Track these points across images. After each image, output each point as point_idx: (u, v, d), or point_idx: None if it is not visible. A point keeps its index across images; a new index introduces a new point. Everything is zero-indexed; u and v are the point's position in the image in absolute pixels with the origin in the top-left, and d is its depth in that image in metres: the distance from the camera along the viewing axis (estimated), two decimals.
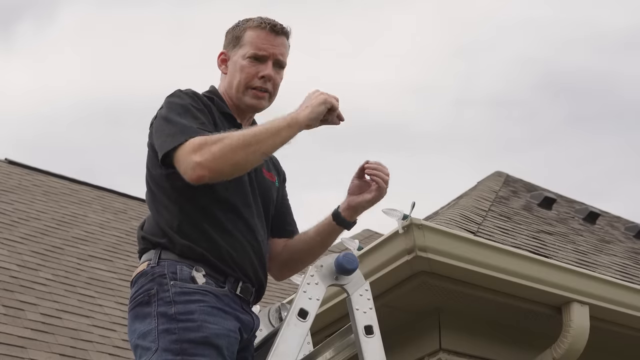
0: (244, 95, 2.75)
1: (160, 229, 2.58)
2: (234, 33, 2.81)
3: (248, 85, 2.74)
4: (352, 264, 2.52)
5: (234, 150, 2.45)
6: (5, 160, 9.71)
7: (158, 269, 2.52)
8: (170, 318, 2.43)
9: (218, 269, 2.54)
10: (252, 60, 2.74)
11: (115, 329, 6.15)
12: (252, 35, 2.76)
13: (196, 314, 2.43)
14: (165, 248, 2.55)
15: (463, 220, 4.78)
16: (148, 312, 2.47)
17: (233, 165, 2.48)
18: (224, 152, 2.45)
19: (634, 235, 7.42)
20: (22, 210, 8.07)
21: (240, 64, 2.75)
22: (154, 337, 2.42)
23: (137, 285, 2.55)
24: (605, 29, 22.68)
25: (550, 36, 22.30)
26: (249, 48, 2.74)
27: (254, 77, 2.74)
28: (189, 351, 2.38)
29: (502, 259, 3.97)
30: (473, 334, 4.24)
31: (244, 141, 2.47)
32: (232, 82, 2.76)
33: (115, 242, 8.17)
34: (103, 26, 21.96)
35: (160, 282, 2.49)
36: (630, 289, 4.33)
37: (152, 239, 2.59)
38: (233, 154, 2.46)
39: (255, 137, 2.48)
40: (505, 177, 7.42)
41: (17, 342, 5.32)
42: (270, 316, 2.78)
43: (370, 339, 2.48)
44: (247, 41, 2.76)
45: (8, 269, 6.51)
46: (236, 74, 2.76)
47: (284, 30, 2.79)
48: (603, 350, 4.40)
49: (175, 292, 2.46)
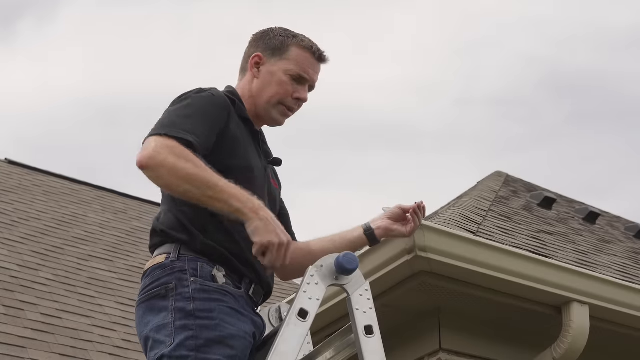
0: (273, 109, 2.77)
1: (182, 224, 2.56)
2: (275, 42, 2.80)
3: (281, 101, 2.76)
4: (352, 264, 2.52)
5: (184, 177, 2.41)
6: (5, 160, 9.72)
7: (178, 263, 2.51)
8: (189, 314, 2.42)
9: (236, 270, 2.55)
10: (292, 78, 2.76)
11: (115, 329, 6.15)
12: (300, 54, 2.78)
13: (215, 313, 2.44)
14: (185, 244, 2.54)
15: (463, 220, 4.78)
16: (164, 305, 2.46)
17: (168, 185, 2.45)
18: (175, 169, 2.41)
19: (634, 235, 7.42)
20: (22, 210, 8.07)
21: (279, 78, 2.75)
22: (169, 332, 2.42)
23: (152, 277, 2.53)
24: (608, 27, 22.69)
25: (552, 34, 22.31)
26: (294, 66, 2.76)
27: (289, 96, 2.76)
28: (203, 349, 2.38)
29: (502, 259, 3.97)
30: (473, 334, 4.24)
31: (198, 181, 2.42)
32: (264, 90, 2.77)
33: (115, 242, 8.18)
34: (104, 25, 21.98)
35: (180, 277, 2.48)
36: (630, 289, 4.33)
37: (171, 234, 2.57)
38: (177, 178, 2.42)
39: (210, 188, 2.42)
40: (505, 177, 7.42)
41: (17, 342, 5.33)
42: (270, 316, 2.78)
43: (370, 339, 2.48)
44: (293, 58, 2.77)
45: (8, 269, 6.52)
46: (272, 85, 2.76)
47: (327, 58, 2.84)
48: (603, 351, 4.40)
49: (195, 289, 2.46)
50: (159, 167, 2.42)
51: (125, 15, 22.61)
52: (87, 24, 23.07)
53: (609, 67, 23.23)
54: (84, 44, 22.77)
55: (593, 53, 23.54)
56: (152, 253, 2.63)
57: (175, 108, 2.61)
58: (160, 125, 2.52)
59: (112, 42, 22.75)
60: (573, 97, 24.71)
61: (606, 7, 22.72)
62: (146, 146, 2.46)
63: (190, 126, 2.53)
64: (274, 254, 2.43)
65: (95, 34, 22.66)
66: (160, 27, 22.99)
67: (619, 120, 24.01)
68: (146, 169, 2.43)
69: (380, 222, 2.92)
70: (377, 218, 2.94)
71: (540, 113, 23.54)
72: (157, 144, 2.45)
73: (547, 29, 22.50)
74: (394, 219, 2.93)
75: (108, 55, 22.47)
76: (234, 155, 2.64)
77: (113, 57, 22.64)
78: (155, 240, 2.64)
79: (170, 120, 2.54)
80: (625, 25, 22.68)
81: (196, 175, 2.42)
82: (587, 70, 24.37)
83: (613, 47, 23.42)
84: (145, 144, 2.48)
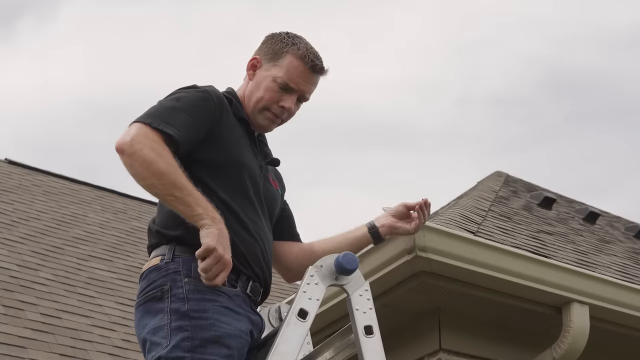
0: (259, 114, 2.77)
1: (176, 220, 2.55)
2: (275, 47, 2.79)
3: (266, 107, 2.76)
4: (352, 264, 2.52)
5: (153, 172, 2.44)
6: (5, 160, 9.71)
7: (172, 265, 2.52)
8: (183, 315, 2.43)
9: (232, 268, 2.53)
10: (279, 86, 2.74)
11: (115, 329, 6.15)
12: (291, 63, 2.75)
13: (209, 313, 2.44)
14: (180, 242, 2.55)
15: (463, 220, 4.77)
16: (160, 307, 2.47)
17: (137, 174, 2.46)
18: (148, 162, 2.44)
19: (634, 235, 7.42)
20: (22, 210, 8.07)
21: (267, 84, 2.75)
22: (165, 333, 2.43)
23: (148, 280, 2.54)
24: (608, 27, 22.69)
25: (552, 34, 22.31)
26: (282, 74, 2.74)
27: (275, 103, 2.75)
28: (199, 349, 2.39)
29: (502, 259, 3.97)
30: (473, 334, 4.24)
31: (166, 179, 2.43)
32: (253, 93, 2.78)
33: (115, 242, 8.18)
34: (104, 24, 21.97)
35: (174, 279, 2.49)
36: (630, 289, 4.33)
37: (166, 233, 2.58)
38: (147, 171, 2.44)
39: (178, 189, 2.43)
40: (505, 177, 7.42)
41: (17, 342, 5.32)
42: (270, 316, 2.78)
43: (370, 339, 2.48)
44: (284, 66, 2.75)
45: (8, 269, 6.51)
46: (260, 90, 2.76)
47: (323, 70, 2.80)
48: (603, 351, 4.39)
49: (189, 290, 2.47)
50: (133, 155, 2.45)
51: (125, 15, 22.62)
52: (87, 24, 23.09)
53: (609, 67, 23.24)
54: (84, 43, 22.78)
55: (593, 53, 23.55)
56: (149, 254, 2.64)
57: (165, 99, 2.64)
58: (147, 114, 2.55)
59: (113, 41, 22.77)
60: (573, 97, 24.72)
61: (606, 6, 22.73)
62: (128, 131, 2.51)
63: (174, 119, 2.55)
64: (211, 263, 2.41)
65: (96, 33, 22.68)
66: (160, 27, 23.00)
67: (619, 120, 24.03)
68: (121, 154, 2.48)
69: (384, 220, 2.93)
70: (381, 216, 2.95)
71: (540, 113, 23.55)
72: (139, 131, 2.49)
73: (547, 29, 22.52)
74: (397, 217, 2.93)
75: (108, 54, 22.49)
76: (224, 149, 2.64)
77: (113, 56, 22.65)
78: (152, 241, 2.65)
79: (157, 110, 2.57)
80: (625, 24, 22.69)
81: (167, 173, 2.44)
82: (587, 70, 24.38)
83: (613, 47, 23.43)
84: (128, 129, 2.52)
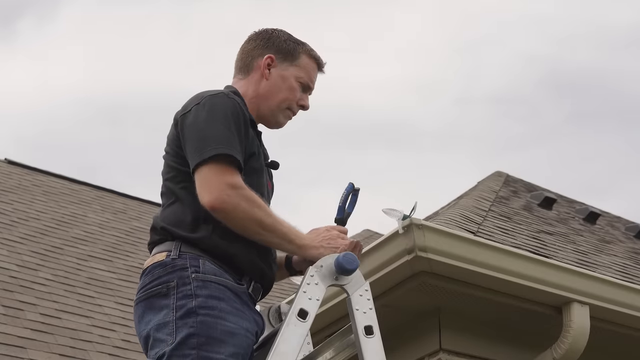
0: (280, 113, 2.82)
1: (183, 221, 2.55)
2: (287, 46, 2.84)
3: (289, 106, 2.82)
4: (352, 264, 2.51)
5: (257, 224, 2.51)
6: (5, 160, 9.71)
7: (179, 261, 2.51)
8: (190, 311, 2.42)
9: (237, 268, 2.55)
10: (302, 86, 2.83)
11: (115, 329, 6.15)
12: (308, 63, 2.86)
13: (217, 311, 2.44)
14: (187, 241, 2.54)
15: (463, 220, 4.78)
16: (165, 304, 2.46)
17: (240, 226, 2.51)
18: (246, 215, 2.50)
19: (634, 235, 7.42)
20: (22, 210, 8.07)
21: (291, 84, 2.81)
22: (171, 330, 2.42)
23: (152, 276, 2.52)
24: (608, 26, 22.72)
25: (552, 33, 22.33)
26: (304, 74, 2.84)
27: (296, 102, 2.83)
28: (205, 347, 2.38)
29: (502, 259, 3.96)
30: (473, 334, 4.23)
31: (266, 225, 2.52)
32: (273, 93, 2.79)
33: (115, 242, 8.18)
34: (104, 24, 21.99)
35: (181, 275, 2.48)
36: (630, 289, 4.33)
37: (172, 230, 2.56)
38: (250, 222, 2.50)
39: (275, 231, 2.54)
40: (506, 177, 7.42)
41: (17, 342, 5.33)
42: (270, 316, 2.77)
43: (370, 339, 2.48)
44: (303, 66, 2.84)
45: (8, 269, 6.51)
46: (282, 90, 2.80)
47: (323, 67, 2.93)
48: (603, 351, 4.39)
49: (197, 286, 2.46)
50: (233, 212, 2.48)
51: (125, 15, 22.64)
52: (87, 23, 23.11)
53: (609, 66, 23.27)
54: (84, 43, 22.81)
55: (593, 51, 23.57)
56: (151, 251, 2.62)
57: (209, 120, 2.57)
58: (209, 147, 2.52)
59: (113, 41, 22.79)
60: (573, 96, 24.75)
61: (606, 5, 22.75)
62: (209, 184, 2.49)
63: (232, 142, 2.54)
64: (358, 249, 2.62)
65: (96, 33, 22.70)
66: (160, 26, 23.02)
67: (619, 119, 24.05)
68: (219, 212, 2.49)
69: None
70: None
71: (540, 112, 23.57)
72: (220, 182, 2.48)
73: (547, 28, 22.54)
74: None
75: (108, 54, 22.51)
76: (253, 157, 2.66)
77: (113, 56, 22.67)
78: (155, 237, 2.63)
79: (216, 137, 2.54)
80: (625, 24, 22.71)
81: (268, 225, 2.53)
82: (587, 69, 24.40)
83: (613, 46, 23.45)
84: (205, 178, 2.50)
